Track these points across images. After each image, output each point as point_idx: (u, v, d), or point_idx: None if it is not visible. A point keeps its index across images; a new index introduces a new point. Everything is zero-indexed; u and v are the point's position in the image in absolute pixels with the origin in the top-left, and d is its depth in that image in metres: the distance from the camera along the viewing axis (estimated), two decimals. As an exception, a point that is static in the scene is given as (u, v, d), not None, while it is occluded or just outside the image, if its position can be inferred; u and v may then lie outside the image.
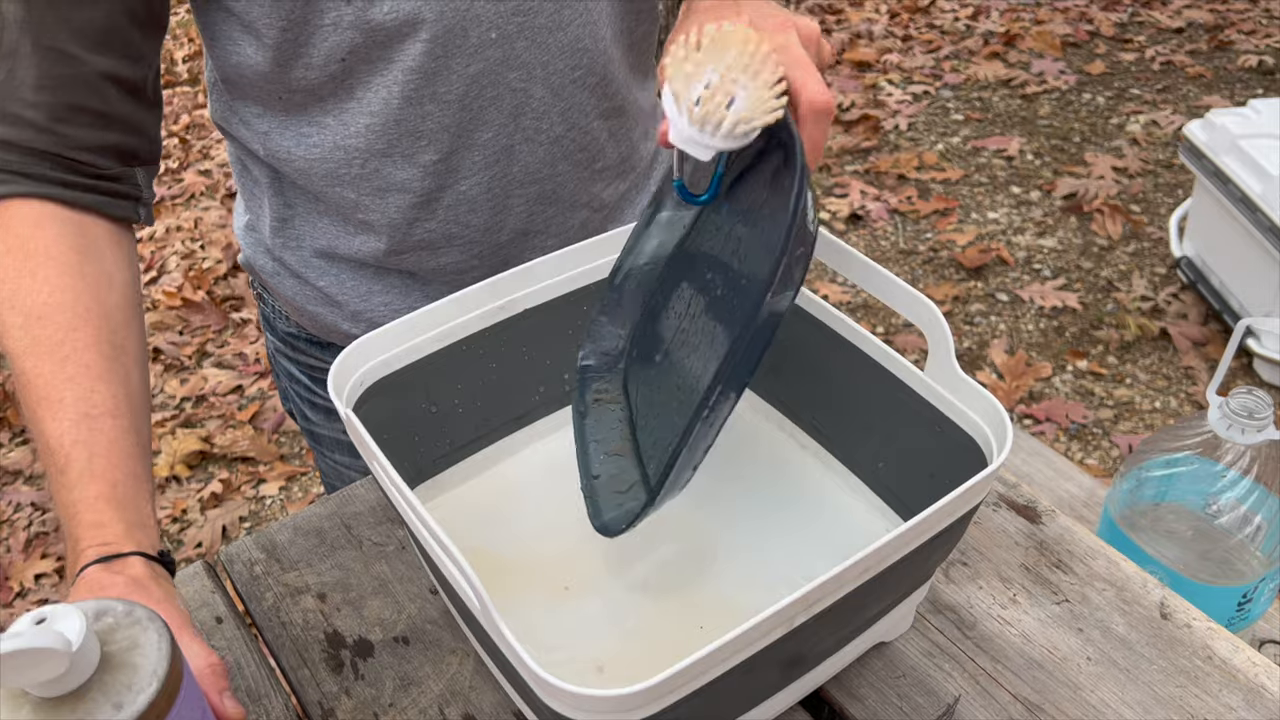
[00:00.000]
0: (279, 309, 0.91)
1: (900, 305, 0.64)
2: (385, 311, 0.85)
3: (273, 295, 0.90)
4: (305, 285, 0.85)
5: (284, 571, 0.74)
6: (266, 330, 0.95)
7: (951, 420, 0.62)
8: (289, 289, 0.86)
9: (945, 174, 2.84)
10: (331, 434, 0.96)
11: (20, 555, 2.01)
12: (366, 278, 0.84)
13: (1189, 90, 3.13)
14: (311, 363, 0.92)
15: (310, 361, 0.92)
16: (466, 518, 0.72)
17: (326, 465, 1.00)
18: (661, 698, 0.47)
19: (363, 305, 0.85)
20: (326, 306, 0.86)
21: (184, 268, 2.76)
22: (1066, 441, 2.05)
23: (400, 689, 0.66)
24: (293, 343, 0.92)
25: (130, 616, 0.47)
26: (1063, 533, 0.74)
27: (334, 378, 0.62)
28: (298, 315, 0.88)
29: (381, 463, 0.56)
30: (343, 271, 0.84)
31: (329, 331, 0.88)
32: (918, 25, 3.65)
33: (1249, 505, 0.79)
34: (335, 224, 0.81)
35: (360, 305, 0.85)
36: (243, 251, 0.90)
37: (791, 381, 0.76)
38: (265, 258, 0.86)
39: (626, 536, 0.71)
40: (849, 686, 0.65)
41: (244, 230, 0.88)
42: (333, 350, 0.89)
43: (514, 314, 0.71)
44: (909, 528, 0.52)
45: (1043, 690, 0.64)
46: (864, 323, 2.34)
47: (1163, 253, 2.50)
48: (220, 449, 2.20)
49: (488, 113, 0.75)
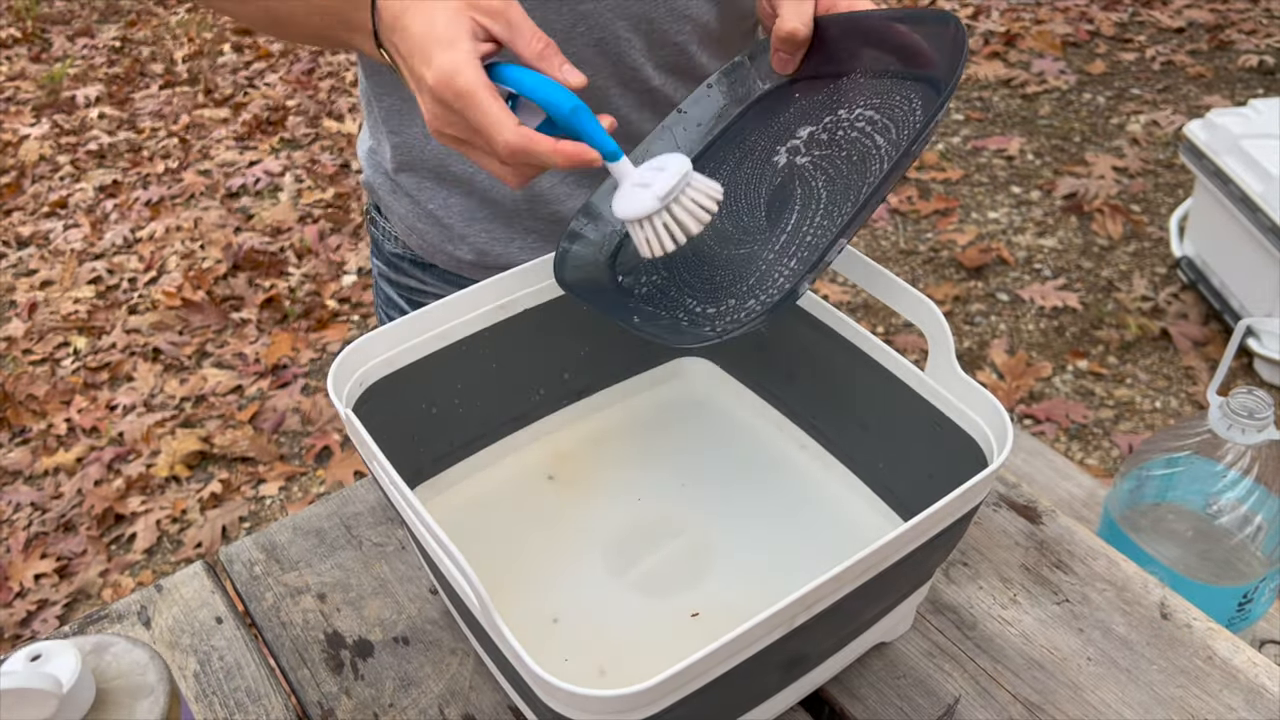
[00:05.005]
0: (389, 231, 0.95)
1: (900, 305, 0.64)
2: (485, 237, 0.88)
3: (385, 217, 0.95)
4: (417, 206, 0.90)
5: (284, 571, 0.74)
6: (374, 256, 1.00)
7: (951, 420, 0.62)
8: (403, 208, 0.91)
9: (946, 174, 2.84)
10: None
11: (20, 555, 2.01)
12: (473, 204, 0.88)
13: (1189, 90, 3.13)
14: (412, 284, 0.96)
15: (410, 283, 0.97)
16: (466, 518, 0.72)
17: None
18: (661, 698, 0.47)
19: (467, 230, 0.89)
20: (435, 226, 0.90)
21: (184, 268, 2.76)
22: (1067, 441, 2.05)
23: (400, 689, 0.66)
24: (397, 264, 0.96)
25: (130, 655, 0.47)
26: (1063, 533, 0.74)
27: (334, 378, 0.62)
28: (407, 234, 0.93)
29: (381, 463, 0.56)
30: (452, 194, 0.88)
31: (434, 252, 0.92)
32: (918, 25, 3.64)
33: (1249, 505, 0.79)
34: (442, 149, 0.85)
35: (465, 229, 0.89)
36: (364, 172, 0.95)
37: (791, 381, 0.76)
38: (384, 178, 0.92)
39: (627, 536, 0.72)
40: (849, 687, 0.65)
41: (367, 154, 0.94)
42: (433, 272, 0.93)
43: (514, 314, 0.71)
44: (909, 528, 0.52)
45: (1043, 690, 0.64)
46: (864, 323, 2.34)
47: (1163, 253, 2.50)
48: (220, 449, 2.20)
49: (588, 53, 0.78)
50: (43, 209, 3.10)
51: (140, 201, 3.07)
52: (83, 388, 2.40)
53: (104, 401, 2.35)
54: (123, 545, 2.04)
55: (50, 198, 3.14)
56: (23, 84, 3.76)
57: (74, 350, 2.52)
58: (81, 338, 2.56)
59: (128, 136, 3.43)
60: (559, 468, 0.76)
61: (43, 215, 3.07)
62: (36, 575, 1.98)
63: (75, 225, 2.99)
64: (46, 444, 2.26)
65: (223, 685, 0.68)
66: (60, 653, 0.44)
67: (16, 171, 3.29)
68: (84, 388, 2.41)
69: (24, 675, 0.42)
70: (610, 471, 0.76)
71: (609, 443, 0.78)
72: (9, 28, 4.13)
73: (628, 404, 0.81)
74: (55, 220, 3.04)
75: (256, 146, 3.29)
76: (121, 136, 3.43)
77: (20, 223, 3.04)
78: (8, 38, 4.06)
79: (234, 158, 3.24)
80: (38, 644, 0.44)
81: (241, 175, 3.13)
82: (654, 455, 0.77)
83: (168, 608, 0.73)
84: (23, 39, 4.07)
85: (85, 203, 3.10)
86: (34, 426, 2.31)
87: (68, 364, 2.48)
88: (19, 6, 4.22)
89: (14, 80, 3.78)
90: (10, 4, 4.26)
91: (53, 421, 2.31)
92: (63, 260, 2.85)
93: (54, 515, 2.09)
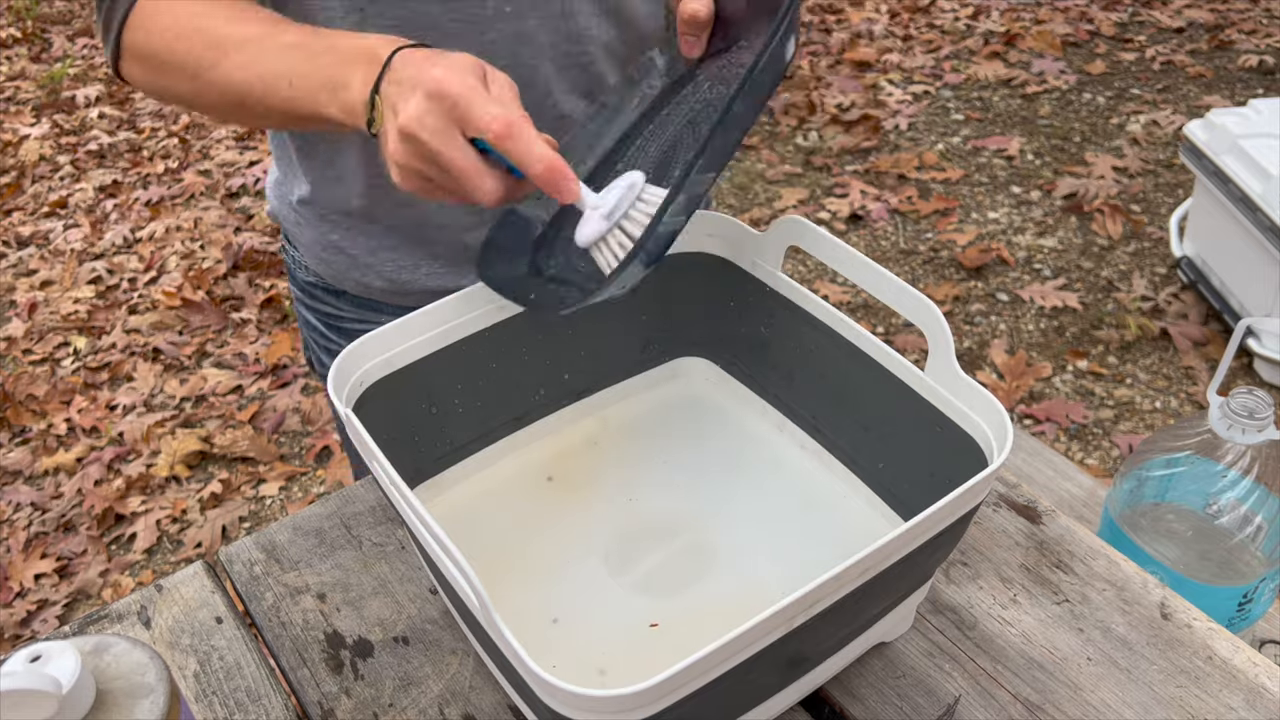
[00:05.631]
0: (299, 260, 0.97)
1: (900, 305, 0.64)
2: (391, 266, 0.90)
3: (295, 246, 0.96)
4: (323, 237, 0.91)
5: (284, 571, 0.74)
6: (290, 280, 1.02)
7: (951, 420, 0.62)
8: (308, 238, 0.92)
9: (945, 174, 2.84)
10: None
11: (20, 555, 2.01)
12: (377, 234, 0.89)
13: (1189, 90, 3.13)
14: (327, 310, 0.98)
15: (326, 309, 0.98)
16: (467, 518, 0.72)
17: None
18: (662, 698, 0.47)
19: (372, 260, 0.90)
20: (342, 256, 0.91)
21: (184, 268, 2.76)
22: (1067, 441, 2.05)
23: (400, 689, 0.66)
24: (311, 290, 0.98)
25: (130, 655, 0.47)
26: (1063, 533, 0.74)
27: (334, 378, 0.62)
28: (317, 264, 0.94)
29: (381, 463, 0.55)
30: (355, 226, 0.89)
31: (344, 280, 0.93)
32: (918, 25, 3.65)
33: (1249, 505, 0.79)
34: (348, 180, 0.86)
35: (370, 260, 0.90)
36: (270, 204, 0.96)
37: (791, 381, 0.76)
38: (289, 209, 0.93)
39: (627, 537, 0.71)
40: (849, 686, 0.65)
41: (273, 185, 0.95)
42: (346, 298, 0.95)
43: (514, 314, 0.71)
44: (909, 528, 0.52)
45: (1043, 690, 0.64)
46: (864, 323, 2.34)
47: (1163, 253, 2.50)
48: (220, 449, 2.20)
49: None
50: (43, 209, 3.10)
51: (140, 201, 3.07)
52: (83, 388, 2.41)
53: (104, 401, 2.35)
54: (123, 545, 2.04)
55: (50, 198, 3.14)
56: (23, 84, 3.76)
57: (74, 350, 2.52)
58: (81, 338, 2.56)
59: (128, 136, 3.43)
60: (559, 468, 0.76)
61: (43, 215, 3.07)
62: (36, 575, 1.98)
63: (75, 225, 2.99)
64: (46, 444, 2.26)
65: (223, 685, 0.68)
66: (60, 653, 0.44)
67: (16, 171, 3.29)
68: (84, 388, 2.41)
69: (24, 676, 0.42)
70: (610, 472, 0.76)
71: (609, 443, 0.78)
72: (9, 28, 4.13)
73: (628, 404, 0.81)
74: (55, 220, 3.04)
75: (256, 146, 3.29)
76: (121, 136, 3.43)
77: (20, 223, 3.04)
78: (8, 38, 4.06)
79: (234, 158, 3.24)
80: (37, 644, 0.44)
81: (241, 175, 3.13)
82: (654, 455, 0.77)
83: (168, 608, 0.73)
84: (23, 39, 4.07)
85: (85, 203, 3.10)
86: (34, 426, 2.31)
87: (68, 364, 2.48)
88: (19, 6, 4.23)
89: (14, 80, 3.78)
90: (10, 4, 4.26)
91: (53, 421, 2.31)
92: (63, 260, 2.85)
93: (54, 515, 2.09)
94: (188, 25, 0.72)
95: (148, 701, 0.45)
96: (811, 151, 3.01)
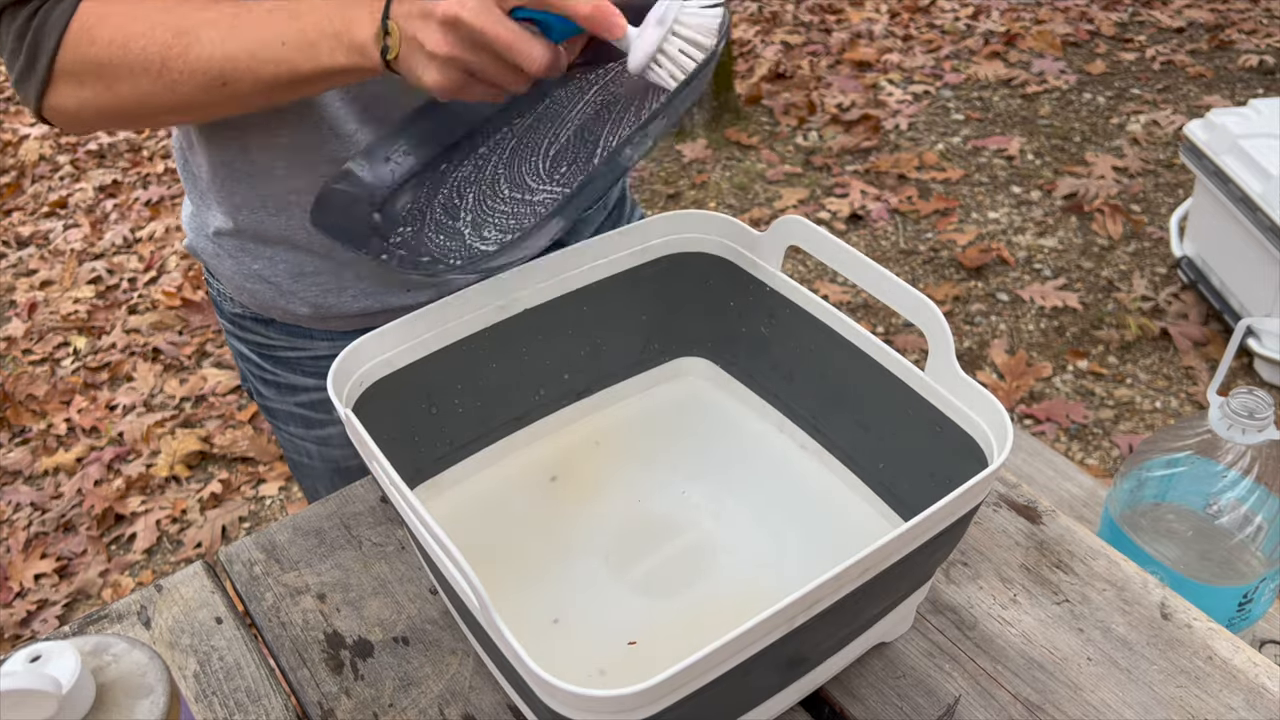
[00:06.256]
0: (223, 291, 0.95)
1: (900, 305, 0.64)
2: (315, 290, 0.87)
3: (216, 278, 0.95)
4: (243, 267, 0.89)
5: (284, 572, 0.74)
6: (217, 313, 1.00)
7: (952, 420, 0.62)
8: (228, 269, 0.90)
9: (945, 174, 2.84)
10: (284, 407, 0.99)
11: (20, 555, 2.01)
12: (299, 260, 0.87)
13: (1189, 90, 3.13)
14: (258, 340, 0.96)
15: (256, 339, 0.96)
16: (466, 518, 0.72)
17: (284, 439, 1.03)
18: (662, 698, 0.47)
19: (295, 285, 0.88)
20: (264, 284, 0.89)
21: (183, 268, 2.76)
22: (1067, 441, 2.05)
23: (400, 689, 0.66)
24: (239, 322, 0.96)
25: (130, 656, 0.47)
26: (1063, 533, 0.74)
27: (334, 378, 0.62)
28: (240, 294, 0.92)
29: (381, 463, 0.55)
30: (276, 253, 0.87)
31: (269, 308, 0.91)
32: (918, 25, 3.65)
33: (1249, 505, 0.79)
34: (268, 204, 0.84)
35: (293, 286, 0.88)
36: (187, 237, 0.94)
37: (791, 381, 0.76)
38: (206, 242, 0.91)
39: (627, 536, 0.71)
40: (849, 686, 0.65)
41: (189, 219, 0.93)
42: (275, 326, 0.93)
43: (514, 314, 0.71)
44: (909, 528, 0.52)
45: (1043, 691, 0.64)
46: (864, 323, 2.34)
47: (1163, 253, 2.50)
48: (220, 449, 2.20)
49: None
50: (43, 209, 3.10)
51: (140, 201, 3.07)
52: (83, 388, 2.41)
53: (104, 401, 2.35)
54: (123, 545, 2.04)
55: (50, 198, 3.14)
56: (23, 84, 3.75)
57: (74, 350, 2.52)
58: (81, 338, 2.56)
59: (128, 136, 3.43)
60: (559, 468, 0.76)
61: (43, 215, 3.07)
62: (36, 575, 1.98)
63: (75, 225, 2.99)
64: (46, 444, 2.26)
65: (223, 685, 0.68)
66: (60, 653, 0.44)
67: (16, 171, 3.29)
68: (84, 388, 2.41)
69: (24, 676, 0.42)
70: (610, 471, 0.76)
71: (609, 443, 0.78)
72: (9, 28, 4.13)
73: (628, 404, 0.81)
74: (55, 220, 3.04)
75: (256, 146, 3.28)
76: (121, 136, 3.43)
77: (20, 223, 3.04)
78: (8, 38, 4.06)
79: (234, 158, 3.23)
80: (37, 644, 0.44)
81: (241, 175, 3.13)
82: (654, 455, 0.77)
83: (168, 608, 0.73)
84: (23, 39, 4.06)
85: (85, 203, 3.10)
86: (34, 426, 2.31)
87: (68, 364, 2.48)
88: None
89: (14, 80, 3.78)
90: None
91: (53, 421, 2.31)
92: (63, 260, 2.85)
93: (54, 515, 2.09)
94: (142, 25, 0.69)
95: (148, 701, 0.45)
96: (811, 151, 3.01)
